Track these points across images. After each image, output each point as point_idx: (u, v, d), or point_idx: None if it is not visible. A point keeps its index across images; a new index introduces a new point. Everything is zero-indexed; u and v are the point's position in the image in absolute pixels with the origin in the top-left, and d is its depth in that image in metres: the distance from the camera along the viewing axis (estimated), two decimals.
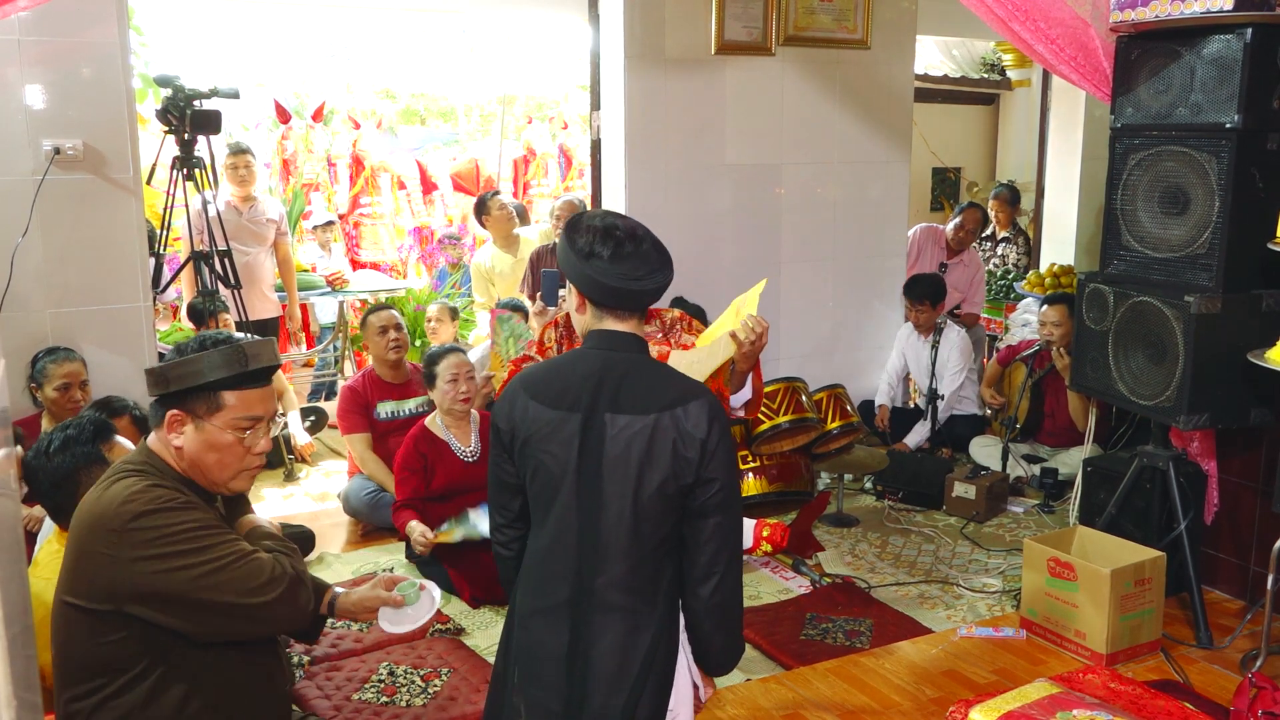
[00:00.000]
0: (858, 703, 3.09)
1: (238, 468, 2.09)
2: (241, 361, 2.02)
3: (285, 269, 6.00)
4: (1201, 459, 3.70)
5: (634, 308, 1.97)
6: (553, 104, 9.66)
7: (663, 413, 1.87)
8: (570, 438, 1.90)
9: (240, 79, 6.20)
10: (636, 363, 1.96)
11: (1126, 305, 3.46)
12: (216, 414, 2.03)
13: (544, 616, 1.95)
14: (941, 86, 9.21)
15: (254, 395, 2.08)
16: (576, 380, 1.93)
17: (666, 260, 1.98)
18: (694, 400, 1.90)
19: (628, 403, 1.89)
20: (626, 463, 1.87)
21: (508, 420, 1.98)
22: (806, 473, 4.65)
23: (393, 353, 4.65)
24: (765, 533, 3.49)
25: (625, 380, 1.91)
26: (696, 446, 1.87)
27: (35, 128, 3.93)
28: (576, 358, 1.98)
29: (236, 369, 2.01)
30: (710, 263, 5.23)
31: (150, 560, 1.88)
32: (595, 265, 1.91)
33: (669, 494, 1.88)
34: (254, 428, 2.08)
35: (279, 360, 2.15)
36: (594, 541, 1.91)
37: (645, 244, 1.95)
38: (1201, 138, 3.22)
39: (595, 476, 1.89)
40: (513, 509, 2.07)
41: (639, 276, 1.92)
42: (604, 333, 1.97)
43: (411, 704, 3.04)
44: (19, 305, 3.94)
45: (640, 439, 1.87)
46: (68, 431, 2.46)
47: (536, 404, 1.94)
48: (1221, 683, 3.16)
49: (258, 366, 2.06)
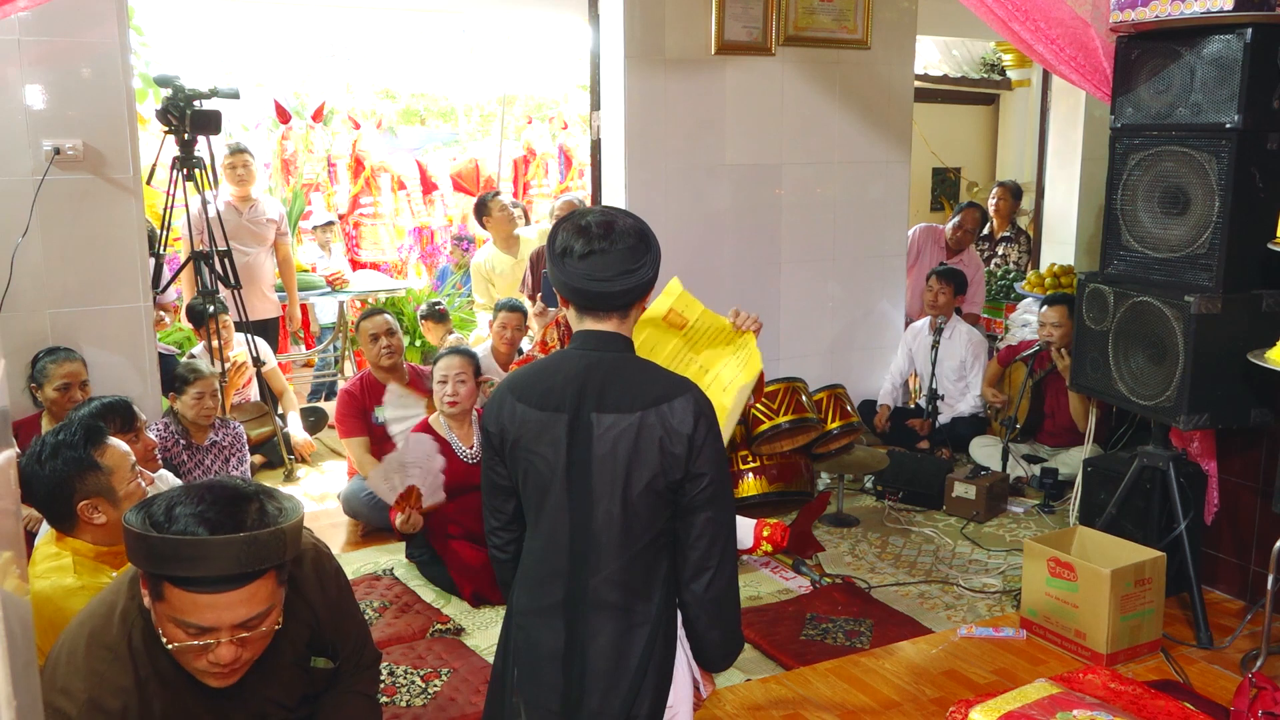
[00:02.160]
0: (858, 703, 3.09)
1: (195, 667, 1.70)
2: (187, 560, 1.59)
3: (285, 269, 6.01)
4: (1201, 459, 3.70)
5: (603, 308, 1.93)
6: (552, 104, 9.67)
7: (648, 410, 1.87)
8: (558, 439, 1.90)
9: (240, 79, 6.23)
10: (620, 361, 1.94)
11: (1126, 305, 3.46)
12: (159, 602, 1.65)
13: (540, 616, 1.96)
14: (941, 86, 9.22)
15: (205, 601, 1.62)
16: (561, 381, 1.93)
17: (642, 261, 1.91)
18: (679, 396, 1.89)
19: (613, 402, 1.89)
20: (614, 461, 1.87)
21: (496, 423, 1.98)
22: (806, 473, 4.65)
23: (385, 359, 4.64)
24: (765, 533, 3.48)
25: (610, 379, 1.91)
26: (684, 442, 1.87)
27: (35, 128, 3.93)
28: (562, 359, 1.98)
29: (173, 569, 1.59)
30: (710, 263, 5.23)
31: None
32: (567, 264, 1.91)
33: (658, 490, 1.88)
34: (205, 637, 1.64)
35: (250, 567, 1.63)
36: (586, 540, 1.91)
37: (620, 243, 1.89)
38: (1201, 138, 3.22)
39: (584, 476, 1.90)
40: (507, 511, 2.07)
41: (604, 278, 1.89)
42: (586, 333, 1.96)
43: (411, 704, 3.04)
44: (19, 305, 3.95)
45: (627, 437, 1.87)
46: (59, 437, 2.40)
47: (524, 406, 1.94)
48: (1221, 683, 3.16)
49: (208, 574, 1.59)
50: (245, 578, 1.63)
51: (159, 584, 1.63)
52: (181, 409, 4.24)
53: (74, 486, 2.32)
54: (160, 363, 4.43)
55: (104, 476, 2.35)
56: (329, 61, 8.60)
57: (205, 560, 1.59)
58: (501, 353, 5.30)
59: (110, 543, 2.36)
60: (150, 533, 1.61)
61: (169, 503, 1.66)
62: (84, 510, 2.32)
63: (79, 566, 2.30)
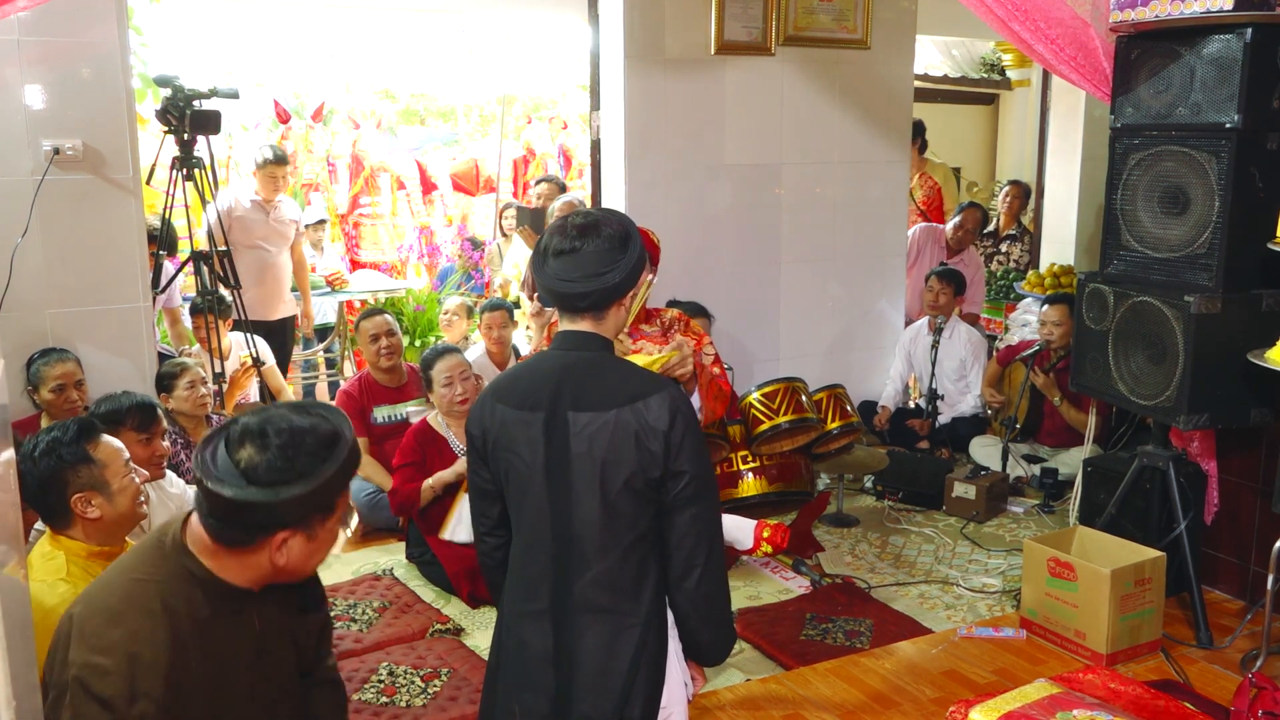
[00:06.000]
0: (858, 703, 3.09)
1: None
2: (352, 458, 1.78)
3: (300, 270, 6.02)
4: (1201, 459, 3.70)
5: (572, 309, 1.94)
6: (552, 104, 9.65)
7: (623, 408, 1.87)
8: (535, 438, 1.91)
9: (240, 79, 6.22)
10: (596, 361, 1.95)
11: (1126, 305, 3.46)
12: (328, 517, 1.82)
13: (529, 620, 1.95)
14: (941, 86, 9.22)
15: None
16: (539, 380, 1.94)
17: (613, 266, 1.90)
18: (655, 394, 1.89)
19: (588, 400, 1.89)
20: (591, 460, 1.88)
21: (479, 425, 1.99)
22: (806, 473, 4.64)
23: (384, 359, 4.64)
24: (765, 534, 3.49)
25: (586, 378, 1.92)
26: (660, 439, 1.86)
27: (35, 128, 3.92)
28: (540, 359, 2.00)
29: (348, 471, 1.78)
30: (710, 263, 5.23)
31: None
32: (545, 264, 1.94)
33: (637, 489, 1.88)
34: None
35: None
36: (568, 542, 1.91)
37: (592, 245, 1.89)
38: (1201, 138, 3.22)
39: (563, 475, 1.90)
40: (492, 516, 2.06)
41: (570, 279, 1.90)
42: (565, 333, 1.98)
43: (411, 704, 3.04)
44: (19, 305, 3.94)
45: (602, 435, 1.87)
46: (53, 433, 2.41)
47: (503, 406, 1.95)
48: (1221, 683, 3.16)
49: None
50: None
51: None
52: (176, 405, 4.22)
53: (66, 479, 2.33)
54: (160, 362, 4.42)
55: (96, 470, 2.35)
56: (329, 61, 8.57)
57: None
58: (495, 354, 5.29)
59: (104, 541, 2.36)
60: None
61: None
62: (77, 504, 2.32)
63: (71, 568, 2.30)
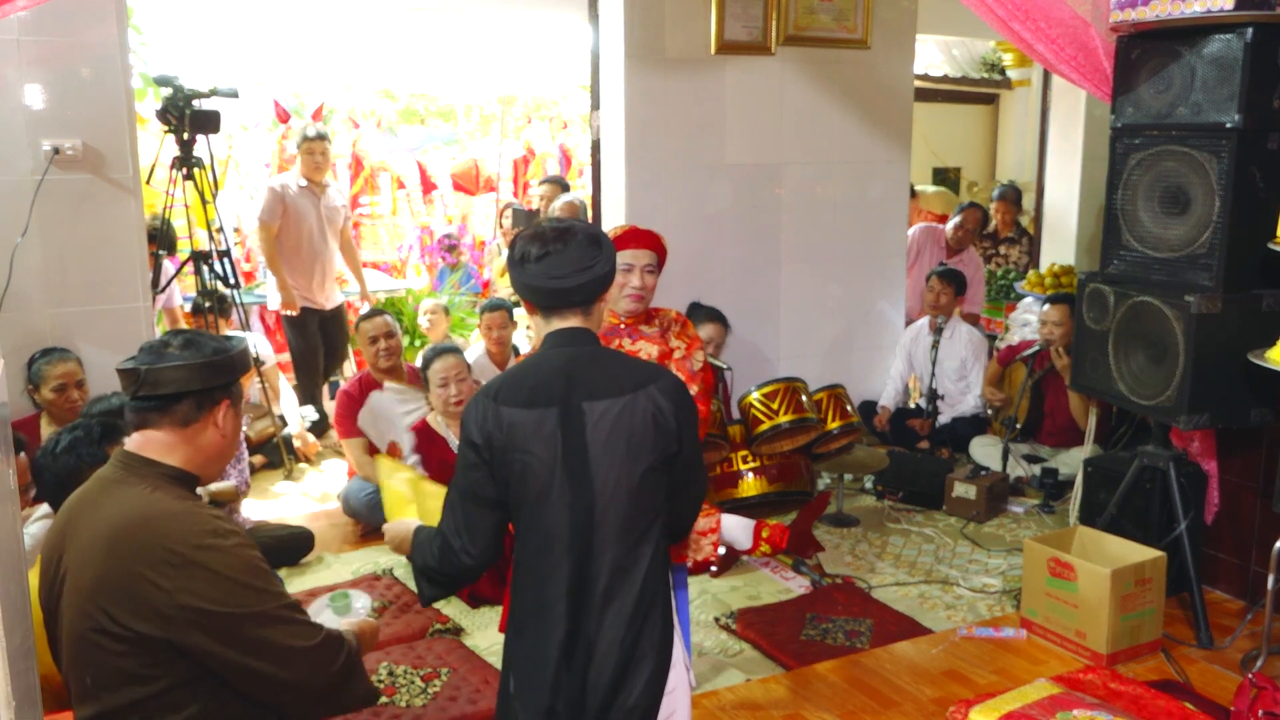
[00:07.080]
0: (858, 703, 3.09)
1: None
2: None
3: (349, 252, 6.01)
4: (1202, 459, 3.69)
5: (566, 305, 2.01)
6: (552, 104, 9.64)
7: (637, 391, 1.95)
8: (551, 433, 1.92)
9: (240, 79, 6.20)
10: (597, 353, 2.02)
11: (1127, 305, 3.46)
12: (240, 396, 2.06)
13: (542, 615, 1.95)
14: (941, 86, 9.23)
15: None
16: (546, 377, 1.95)
17: (596, 258, 1.99)
18: (661, 378, 2.00)
19: (601, 388, 1.94)
20: (614, 444, 1.92)
21: (481, 431, 1.94)
22: (806, 473, 4.64)
23: (384, 360, 4.64)
24: (765, 534, 3.48)
25: (593, 368, 1.97)
26: (673, 418, 1.97)
27: (35, 128, 3.93)
28: (540, 359, 2.01)
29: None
30: (710, 263, 5.22)
31: (213, 597, 1.80)
32: (526, 268, 1.99)
33: (656, 468, 1.96)
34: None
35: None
36: (588, 529, 1.93)
37: (573, 243, 1.98)
38: (1202, 137, 3.22)
39: (583, 466, 1.91)
40: (483, 525, 1.98)
41: (560, 275, 1.96)
42: (557, 331, 2.02)
43: (411, 704, 3.04)
44: (19, 305, 3.94)
45: (623, 418, 1.93)
46: (75, 433, 2.50)
47: (509, 409, 1.93)
48: (1222, 683, 3.16)
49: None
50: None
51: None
52: None
53: (84, 478, 2.33)
54: None
55: None
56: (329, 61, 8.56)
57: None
58: (495, 354, 5.29)
59: None
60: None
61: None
62: None
63: None
